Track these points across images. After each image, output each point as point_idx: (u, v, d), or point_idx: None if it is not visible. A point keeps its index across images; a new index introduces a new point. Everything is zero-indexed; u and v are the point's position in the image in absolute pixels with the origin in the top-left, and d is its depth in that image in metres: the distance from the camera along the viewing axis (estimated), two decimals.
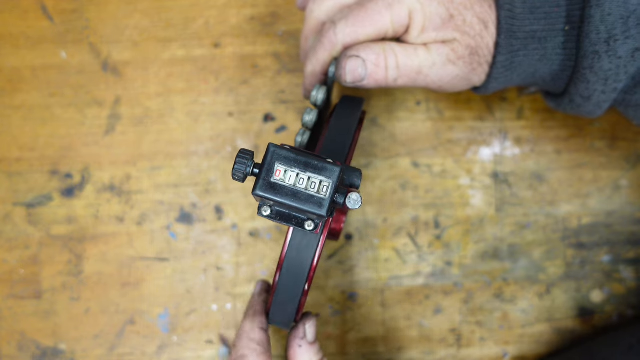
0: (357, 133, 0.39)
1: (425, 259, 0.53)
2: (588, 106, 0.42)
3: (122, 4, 0.53)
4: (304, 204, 0.33)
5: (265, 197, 0.33)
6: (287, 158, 0.33)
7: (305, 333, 0.40)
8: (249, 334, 0.40)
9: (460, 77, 0.41)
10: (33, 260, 0.52)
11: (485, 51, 0.40)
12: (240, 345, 0.40)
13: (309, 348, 0.40)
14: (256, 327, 0.41)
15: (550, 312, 0.54)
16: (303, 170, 0.33)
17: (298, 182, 0.33)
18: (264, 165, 0.33)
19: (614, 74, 0.39)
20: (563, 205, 0.54)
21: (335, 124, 0.39)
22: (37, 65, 0.52)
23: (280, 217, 0.34)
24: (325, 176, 0.33)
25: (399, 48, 0.40)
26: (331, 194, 0.33)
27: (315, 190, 0.33)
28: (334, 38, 0.41)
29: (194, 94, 0.53)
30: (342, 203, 0.33)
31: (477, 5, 0.40)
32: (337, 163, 0.33)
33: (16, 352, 0.51)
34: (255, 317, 0.41)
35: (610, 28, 0.38)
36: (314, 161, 0.33)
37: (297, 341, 0.40)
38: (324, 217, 0.33)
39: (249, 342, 0.40)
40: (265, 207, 0.34)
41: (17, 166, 0.52)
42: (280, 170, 0.33)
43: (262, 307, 0.42)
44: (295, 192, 0.33)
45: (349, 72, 0.40)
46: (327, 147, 0.38)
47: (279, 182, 0.33)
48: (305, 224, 0.34)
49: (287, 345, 0.41)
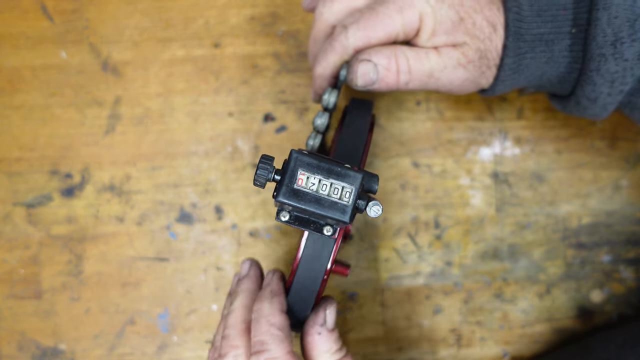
0: (369, 137, 0.39)
1: (425, 259, 0.53)
2: (594, 108, 0.42)
3: (122, 4, 0.53)
4: (327, 210, 0.33)
5: (289, 203, 0.33)
6: (309, 164, 0.33)
7: (326, 319, 0.38)
8: (269, 317, 0.36)
9: (470, 81, 0.41)
10: (33, 260, 0.52)
11: (493, 54, 0.40)
12: (259, 331, 0.36)
13: (329, 336, 0.38)
14: (276, 310, 0.37)
15: (550, 312, 0.54)
16: (326, 177, 0.33)
17: (321, 189, 0.33)
18: (287, 171, 0.33)
19: (620, 76, 0.39)
20: (563, 205, 0.54)
21: (348, 129, 0.39)
22: (37, 65, 0.52)
23: (299, 222, 0.34)
24: (347, 182, 0.33)
25: (411, 52, 0.40)
26: (354, 201, 0.33)
27: (337, 196, 0.33)
28: (345, 42, 0.41)
29: (194, 94, 0.53)
30: (363, 209, 0.33)
31: (486, 8, 0.40)
32: (355, 168, 0.33)
33: (16, 352, 0.51)
34: (274, 298, 0.38)
35: (617, 31, 0.38)
36: (336, 167, 0.33)
37: (316, 328, 0.38)
38: (346, 223, 0.33)
39: (269, 327, 0.36)
40: (284, 212, 0.34)
41: (17, 166, 0.52)
42: (303, 177, 0.33)
43: (279, 286, 0.39)
44: (318, 199, 0.33)
45: (361, 76, 0.40)
46: (341, 152, 0.38)
47: (302, 189, 0.33)
48: (324, 230, 0.34)
49: (304, 332, 0.38)
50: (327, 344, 0.38)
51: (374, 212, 0.33)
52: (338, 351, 0.38)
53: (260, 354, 0.36)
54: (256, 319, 0.37)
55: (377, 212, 0.33)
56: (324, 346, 0.38)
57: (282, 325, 0.37)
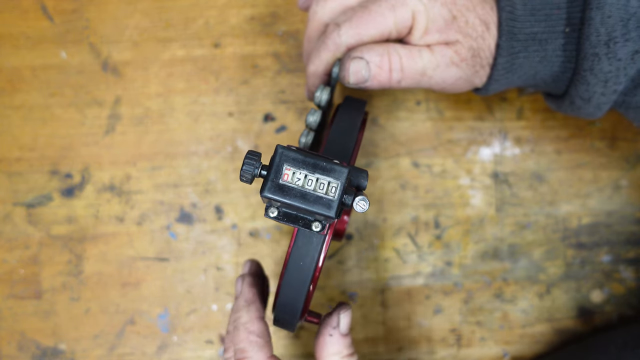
0: (360, 134, 0.39)
1: (425, 259, 0.53)
2: (588, 108, 0.42)
3: (122, 4, 0.53)
4: (313, 205, 0.33)
5: (274, 198, 0.33)
6: (295, 159, 0.33)
7: (339, 322, 0.38)
8: (247, 325, 0.38)
9: (463, 79, 0.41)
10: (33, 260, 0.52)
11: (486, 53, 0.40)
12: (238, 339, 0.38)
13: (340, 339, 0.38)
14: (254, 318, 0.38)
15: (550, 312, 0.54)
16: (311, 172, 0.33)
17: (306, 184, 0.33)
18: (272, 166, 0.33)
19: (614, 76, 0.39)
20: (563, 205, 0.54)
21: (338, 125, 0.39)
22: (37, 65, 0.52)
23: (287, 219, 0.34)
24: (333, 177, 0.33)
25: (403, 50, 0.40)
26: (340, 196, 0.33)
27: (323, 191, 0.33)
28: (338, 39, 0.41)
29: (194, 94, 0.53)
30: (350, 204, 0.33)
31: (479, 6, 0.40)
32: (344, 164, 0.33)
33: (16, 352, 0.51)
34: (250, 306, 0.38)
35: (610, 30, 0.38)
36: (322, 162, 0.33)
37: (328, 329, 0.38)
38: (332, 218, 0.33)
39: (248, 335, 0.37)
40: (273, 208, 0.34)
41: (17, 166, 0.52)
42: (289, 172, 0.33)
43: (252, 293, 0.39)
44: (304, 194, 0.33)
45: (353, 74, 0.40)
46: (331, 148, 0.38)
47: (288, 184, 0.33)
48: (312, 225, 0.34)
49: (318, 332, 0.38)
50: (337, 347, 0.38)
51: (360, 208, 0.33)
52: (348, 356, 0.38)
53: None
54: (235, 327, 0.38)
55: (364, 207, 0.33)
56: (333, 348, 0.38)
57: (261, 332, 0.37)
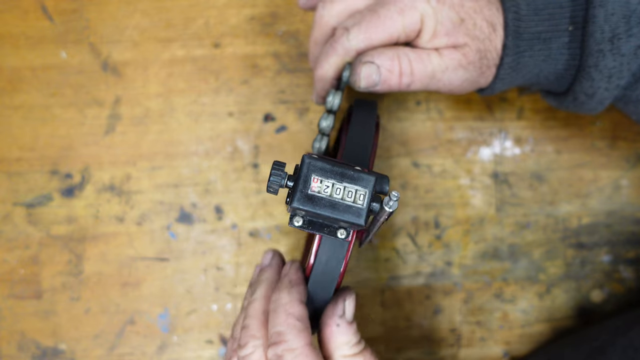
0: (376, 137, 0.40)
1: (425, 259, 0.53)
2: (591, 103, 0.42)
3: (122, 4, 0.53)
4: (342, 214, 0.33)
5: (304, 209, 0.33)
6: (323, 169, 0.33)
7: (345, 310, 0.37)
8: (287, 307, 0.35)
9: (470, 81, 0.42)
10: (33, 260, 0.52)
11: (493, 54, 0.41)
12: (276, 321, 0.35)
13: (348, 327, 0.36)
14: (295, 300, 0.36)
15: (550, 312, 0.54)
16: (339, 181, 0.33)
17: (334, 193, 0.33)
18: (300, 177, 0.33)
19: (618, 71, 0.40)
20: (563, 205, 0.54)
21: (354, 130, 0.39)
22: (37, 65, 0.52)
23: (312, 227, 0.34)
24: (361, 186, 0.33)
25: (413, 54, 0.40)
26: (368, 203, 0.33)
27: (352, 200, 0.33)
28: (347, 44, 0.41)
29: (194, 94, 0.53)
30: (377, 211, 0.33)
31: (486, 8, 0.40)
32: (365, 170, 0.34)
33: (16, 352, 0.51)
34: (294, 287, 0.36)
35: (614, 27, 0.39)
36: (349, 171, 0.33)
37: (334, 319, 0.36)
38: (362, 226, 0.33)
39: (287, 317, 0.35)
40: (298, 217, 0.34)
41: (17, 166, 0.52)
42: (317, 182, 0.33)
43: (298, 276, 0.37)
44: (333, 203, 0.33)
45: (364, 78, 0.40)
46: (350, 154, 0.38)
47: (316, 194, 0.33)
48: (337, 232, 0.34)
49: (322, 324, 0.37)
50: (346, 336, 0.36)
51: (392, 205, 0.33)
52: (357, 344, 0.36)
53: (277, 345, 0.35)
54: (274, 309, 0.36)
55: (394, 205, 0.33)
56: (343, 338, 0.36)
57: (301, 316, 0.35)
